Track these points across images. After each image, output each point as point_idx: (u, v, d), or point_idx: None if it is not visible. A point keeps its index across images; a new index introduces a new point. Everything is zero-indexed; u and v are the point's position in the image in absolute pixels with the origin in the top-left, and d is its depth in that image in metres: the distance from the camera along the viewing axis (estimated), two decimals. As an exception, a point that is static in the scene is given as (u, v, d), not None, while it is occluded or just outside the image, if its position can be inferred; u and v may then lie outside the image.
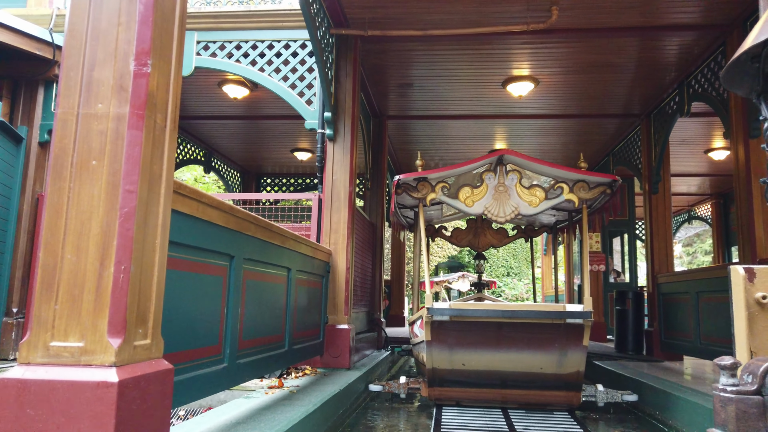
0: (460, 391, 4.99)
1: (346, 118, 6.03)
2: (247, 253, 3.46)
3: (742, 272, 2.56)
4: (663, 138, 7.84)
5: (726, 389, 2.18)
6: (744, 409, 2.13)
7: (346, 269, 5.80)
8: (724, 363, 2.22)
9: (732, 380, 2.21)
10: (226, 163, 11.88)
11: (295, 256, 4.56)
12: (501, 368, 4.80)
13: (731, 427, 2.16)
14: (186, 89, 8.00)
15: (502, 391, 4.94)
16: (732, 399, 2.15)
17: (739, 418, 2.14)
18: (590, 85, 7.55)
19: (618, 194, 5.13)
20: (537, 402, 4.96)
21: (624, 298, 8.43)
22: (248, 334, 3.53)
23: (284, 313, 4.33)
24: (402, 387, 5.33)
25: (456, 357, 4.77)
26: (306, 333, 5.01)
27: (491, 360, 4.75)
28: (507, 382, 4.90)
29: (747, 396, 2.14)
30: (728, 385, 2.19)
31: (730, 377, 2.21)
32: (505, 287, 26.31)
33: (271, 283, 4.01)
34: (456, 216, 7.56)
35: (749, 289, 2.57)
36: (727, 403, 2.16)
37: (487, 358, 4.75)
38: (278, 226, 4.06)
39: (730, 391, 2.17)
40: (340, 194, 5.92)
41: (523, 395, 4.94)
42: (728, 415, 2.16)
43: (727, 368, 2.21)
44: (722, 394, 2.19)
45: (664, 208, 8.17)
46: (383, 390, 5.39)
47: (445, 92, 7.88)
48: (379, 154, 8.75)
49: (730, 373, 2.21)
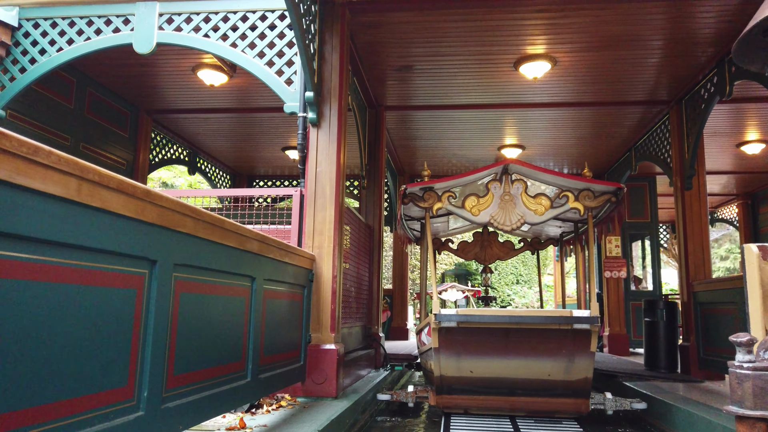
0: (468, 398, 5.01)
1: (333, 100, 5.13)
2: (180, 257, 2.55)
3: (756, 250, 2.56)
4: (698, 126, 6.89)
5: (742, 366, 2.16)
6: (761, 385, 2.11)
7: (333, 278, 4.87)
8: (740, 339, 2.20)
9: (748, 356, 2.18)
10: (214, 163, 11.00)
11: (263, 262, 3.65)
12: (509, 375, 4.81)
13: (748, 403, 2.12)
14: (157, 76, 7.14)
15: (510, 398, 4.94)
16: (749, 375, 2.13)
17: (756, 395, 2.12)
18: (613, 66, 6.62)
19: (623, 202, 5.11)
20: (545, 410, 4.95)
21: (654, 309, 7.45)
22: (184, 366, 2.62)
23: (245, 335, 3.41)
24: (410, 396, 5.35)
25: (464, 364, 4.78)
26: (280, 356, 4.09)
27: (499, 367, 4.78)
28: (515, 390, 4.90)
29: (764, 372, 2.12)
30: (744, 361, 2.17)
31: (746, 354, 2.19)
32: (515, 296, 25.28)
33: (224, 297, 3.09)
34: (462, 229, 7.58)
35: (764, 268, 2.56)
36: (744, 380, 2.14)
37: (494, 365, 4.78)
38: (234, 223, 3.15)
39: (746, 368, 2.15)
40: (326, 189, 5.01)
41: (531, 403, 4.94)
42: (745, 391, 2.14)
43: (744, 345, 2.19)
44: (738, 371, 2.17)
45: (700, 206, 7.21)
46: (391, 399, 5.42)
47: (449, 76, 6.96)
48: (377, 149, 7.84)
49: (747, 350, 2.19)
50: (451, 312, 4.64)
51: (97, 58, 6.46)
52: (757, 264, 2.55)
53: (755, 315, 2.57)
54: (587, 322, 4.46)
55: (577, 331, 4.51)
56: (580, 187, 5.00)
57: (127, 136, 7.90)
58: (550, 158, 10.53)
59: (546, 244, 7.39)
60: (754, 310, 2.58)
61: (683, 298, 7.19)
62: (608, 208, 5.31)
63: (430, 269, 5.28)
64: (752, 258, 2.57)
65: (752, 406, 2.12)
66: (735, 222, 13.74)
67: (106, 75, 7.11)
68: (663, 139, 8.01)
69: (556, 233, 7.13)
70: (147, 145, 8.29)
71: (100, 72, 7.00)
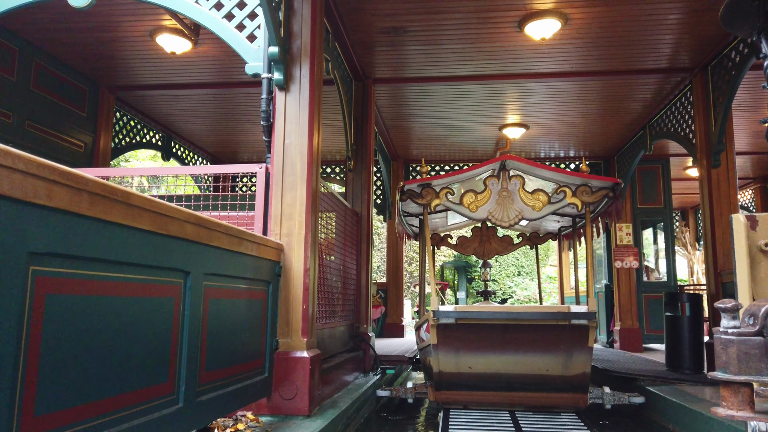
0: (466, 394, 5.08)
1: (304, 58, 4.29)
2: (48, 245, 1.74)
3: (743, 220, 2.69)
4: (727, 95, 6.05)
5: (727, 331, 2.21)
6: (745, 350, 2.12)
7: (305, 271, 4.05)
8: (725, 306, 2.26)
9: (733, 322, 2.22)
10: (191, 148, 10.14)
11: (203, 252, 2.83)
12: (507, 371, 4.85)
13: (733, 368, 2.15)
14: (113, 44, 6.28)
15: (509, 393, 5.01)
16: (733, 341, 2.17)
17: (740, 360, 2.13)
18: (631, 25, 5.78)
19: (620, 198, 5.15)
20: (544, 404, 5.02)
21: (676, 302, 6.63)
22: (64, 397, 1.81)
23: (174, 347, 2.60)
24: (410, 391, 5.44)
25: (462, 360, 4.83)
26: (233, 370, 3.28)
27: (497, 362, 4.82)
28: (514, 385, 4.96)
29: (748, 337, 2.13)
30: (729, 327, 2.22)
31: (731, 320, 2.24)
32: (517, 288, 24.46)
33: (133, 299, 2.27)
34: (461, 224, 7.59)
35: (752, 237, 2.66)
36: (729, 345, 2.18)
37: (493, 361, 4.82)
38: (148, 198, 2.32)
39: (731, 333, 2.20)
40: (295, 165, 4.18)
41: (529, 398, 5.01)
42: (729, 356, 2.16)
43: (729, 310, 2.25)
44: (723, 336, 2.23)
45: (729, 186, 6.38)
46: (391, 395, 5.50)
47: (446, 40, 6.11)
48: (364, 126, 7.01)
49: (731, 316, 2.24)
50: (450, 308, 4.67)
51: (36, 20, 5.62)
52: (745, 233, 2.62)
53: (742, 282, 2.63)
54: (585, 317, 4.48)
55: (575, 326, 4.53)
56: (578, 182, 5.00)
57: (85, 115, 7.05)
58: (555, 139, 9.69)
59: (545, 239, 7.40)
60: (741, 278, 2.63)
61: (710, 290, 6.39)
62: (606, 203, 5.32)
63: (428, 265, 5.39)
64: (740, 227, 2.64)
65: (736, 371, 2.12)
66: (751, 208, 12.91)
67: (54, 43, 6.26)
68: (684, 112, 7.17)
69: (555, 228, 7.16)
70: (109, 126, 7.44)
71: (46, 39, 6.14)
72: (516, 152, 10.45)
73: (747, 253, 2.62)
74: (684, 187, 12.86)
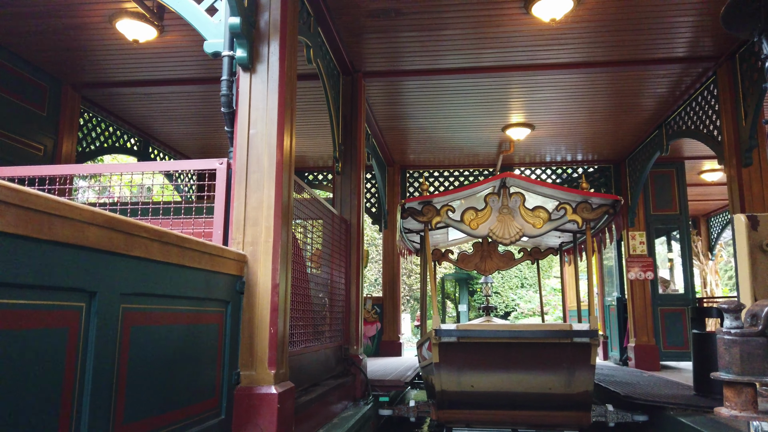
0: (469, 413, 5.09)
1: (272, 33, 3.61)
2: None
3: (745, 220, 2.60)
4: (759, 84, 5.38)
5: (730, 331, 2.15)
6: (749, 350, 2.09)
7: (274, 287, 3.34)
8: (727, 306, 2.18)
9: (736, 323, 2.16)
10: (172, 154, 9.46)
11: (120, 265, 2.13)
12: (510, 389, 4.83)
13: (736, 368, 2.10)
14: (70, 33, 5.60)
15: (512, 412, 5.01)
16: (736, 341, 2.12)
17: (743, 360, 2.09)
18: (648, 6, 5.13)
19: (620, 214, 5.23)
20: (547, 423, 5.02)
21: (703, 318, 5.92)
22: None
23: (67, 395, 1.89)
24: (412, 410, 5.53)
25: (464, 379, 4.82)
26: (175, 415, 2.56)
27: (500, 381, 4.81)
28: (516, 403, 4.95)
29: (751, 338, 2.10)
30: (732, 327, 2.15)
31: (734, 320, 2.17)
32: (520, 300, 23.67)
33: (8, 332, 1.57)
34: (462, 240, 7.60)
35: (753, 236, 2.58)
36: (732, 345, 2.12)
37: (495, 379, 4.81)
38: (23, 189, 1.63)
39: (734, 333, 2.13)
40: (262, 160, 3.49)
41: (532, 416, 5.00)
42: (733, 357, 2.11)
43: (731, 311, 2.17)
44: (726, 337, 2.15)
45: (762, 187, 5.69)
46: (393, 414, 5.57)
47: (444, 25, 5.44)
48: (354, 125, 6.32)
49: (734, 316, 2.17)
50: (451, 327, 4.65)
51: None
52: (746, 233, 2.58)
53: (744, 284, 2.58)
54: (586, 336, 4.48)
55: (577, 344, 4.53)
56: (578, 199, 5.03)
57: (44, 114, 6.37)
58: (561, 140, 9.00)
59: (545, 254, 7.41)
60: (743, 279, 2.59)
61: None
62: (606, 220, 5.39)
63: (430, 282, 5.53)
64: (741, 227, 2.60)
65: (740, 371, 2.09)
66: None
67: (5, 33, 5.60)
68: (707, 107, 6.48)
69: (556, 243, 7.16)
70: (74, 128, 6.76)
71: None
72: (520, 155, 9.78)
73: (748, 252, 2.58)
74: (695, 194, 12.14)
